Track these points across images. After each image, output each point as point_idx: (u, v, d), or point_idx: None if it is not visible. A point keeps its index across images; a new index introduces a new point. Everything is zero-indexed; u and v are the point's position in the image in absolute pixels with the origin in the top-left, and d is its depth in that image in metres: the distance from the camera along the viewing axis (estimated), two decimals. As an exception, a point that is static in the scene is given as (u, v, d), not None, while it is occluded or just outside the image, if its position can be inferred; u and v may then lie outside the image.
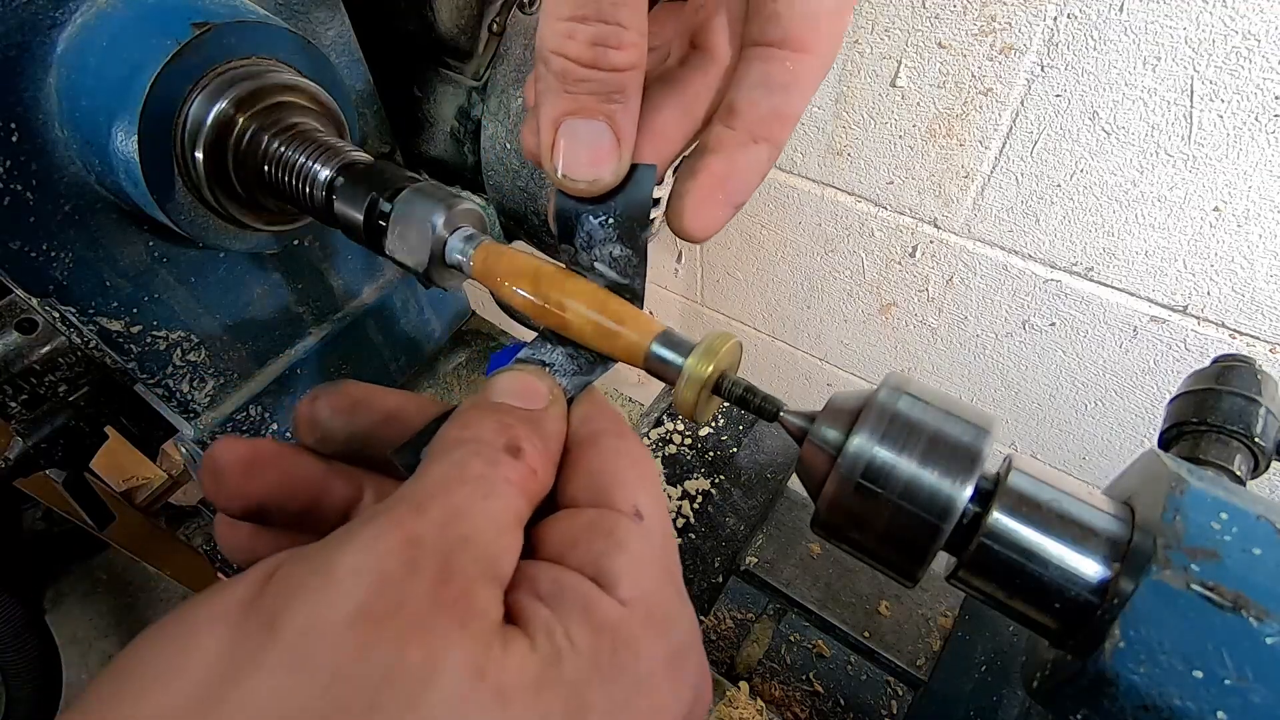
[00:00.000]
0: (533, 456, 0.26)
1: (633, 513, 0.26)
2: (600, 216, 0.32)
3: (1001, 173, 0.98)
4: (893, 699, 0.75)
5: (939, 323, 1.22)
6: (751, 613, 0.84)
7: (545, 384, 0.30)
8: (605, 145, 0.30)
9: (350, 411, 0.30)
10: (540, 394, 0.29)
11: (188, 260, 0.57)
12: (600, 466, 0.28)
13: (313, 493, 0.28)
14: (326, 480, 0.29)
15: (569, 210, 0.33)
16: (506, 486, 0.24)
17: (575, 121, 0.29)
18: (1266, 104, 0.77)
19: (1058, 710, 0.28)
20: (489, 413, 0.27)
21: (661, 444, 0.81)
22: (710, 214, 0.32)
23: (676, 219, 0.33)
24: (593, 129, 0.30)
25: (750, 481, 0.78)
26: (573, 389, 0.32)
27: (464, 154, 0.71)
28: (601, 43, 0.27)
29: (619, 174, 0.31)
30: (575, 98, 0.29)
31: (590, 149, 0.30)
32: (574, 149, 0.30)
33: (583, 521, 0.26)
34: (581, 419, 0.30)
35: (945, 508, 0.28)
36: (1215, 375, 0.51)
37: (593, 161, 0.30)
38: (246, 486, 0.27)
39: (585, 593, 0.23)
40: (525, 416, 0.28)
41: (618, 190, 0.32)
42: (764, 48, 0.31)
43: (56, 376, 0.59)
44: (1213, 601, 0.24)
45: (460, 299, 0.93)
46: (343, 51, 0.61)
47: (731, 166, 0.32)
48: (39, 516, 2.19)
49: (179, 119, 0.45)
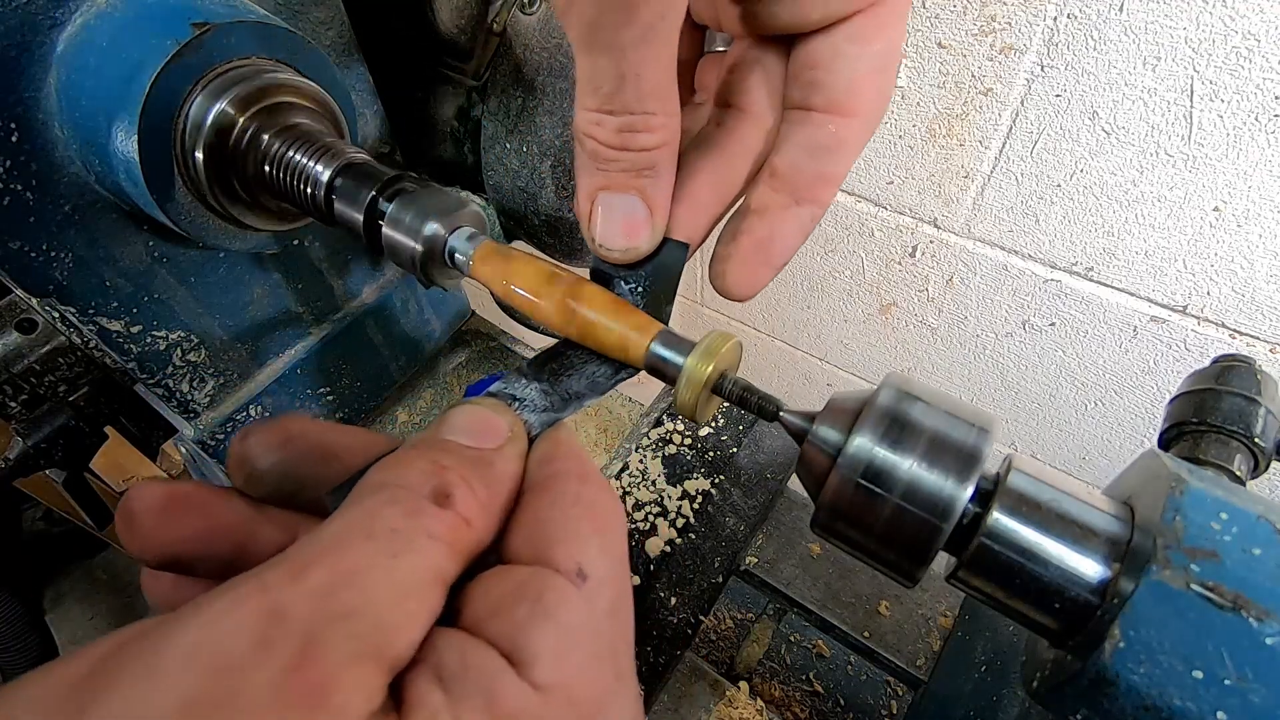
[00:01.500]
0: (466, 504, 0.23)
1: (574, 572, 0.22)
2: (630, 284, 0.33)
3: (1001, 173, 0.98)
4: (893, 699, 0.75)
5: (939, 323, 1.22)
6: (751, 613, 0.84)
7: (505, 420, 0.27)
8: (639, 217, 0.31)
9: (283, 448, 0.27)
10: (497, 431, 0.26)
11: (188, 260, 0.57)
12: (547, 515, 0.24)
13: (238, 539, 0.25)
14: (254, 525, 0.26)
15: (603, 273, 0.34)
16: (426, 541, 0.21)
17: (609, 195, 0.30)
18: (1266, 104, 0.77)
19: (1058, 710, 0.28)
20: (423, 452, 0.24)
21: (661, 444, 0.81)
22: (752, 276, 0.33)
23: (719, 280, 0.33)
24: (626, 202, 0.30)
25: (750, 481, 0.78)
26: (540, 427, 0.29)
27: (464, 154, 0.71)
28: (629, 130, 0.28)
29: (653, 243, 0.32)
30: (607, 174, 0.30)
31: (625, 220, 0.31)
32: (609, 220, 0.31)
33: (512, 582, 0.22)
34: (539, 459, 0.27)
35: (945, 508, 0.28)
36: (1215, 375, 0.51)
37: (627, 232, 0.31)
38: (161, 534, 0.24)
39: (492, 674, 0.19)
40: (469, 456, 0.25)
41: (651, 257, 0.33)
42: (806, 112, 0.31)
43: (56, 376, 0.59)
44: (1213, 601, 0.24)
45: (460, 299, 0.93)
46: (343, 52, 0.61)
47: (774, 230, 0.32)
48: (39, 516, 2.19)
49: (179, 119, 0.45)
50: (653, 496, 0.79)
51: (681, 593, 0.69)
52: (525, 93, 0.63)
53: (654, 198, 0.31)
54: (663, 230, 0.32)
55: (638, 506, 0.78)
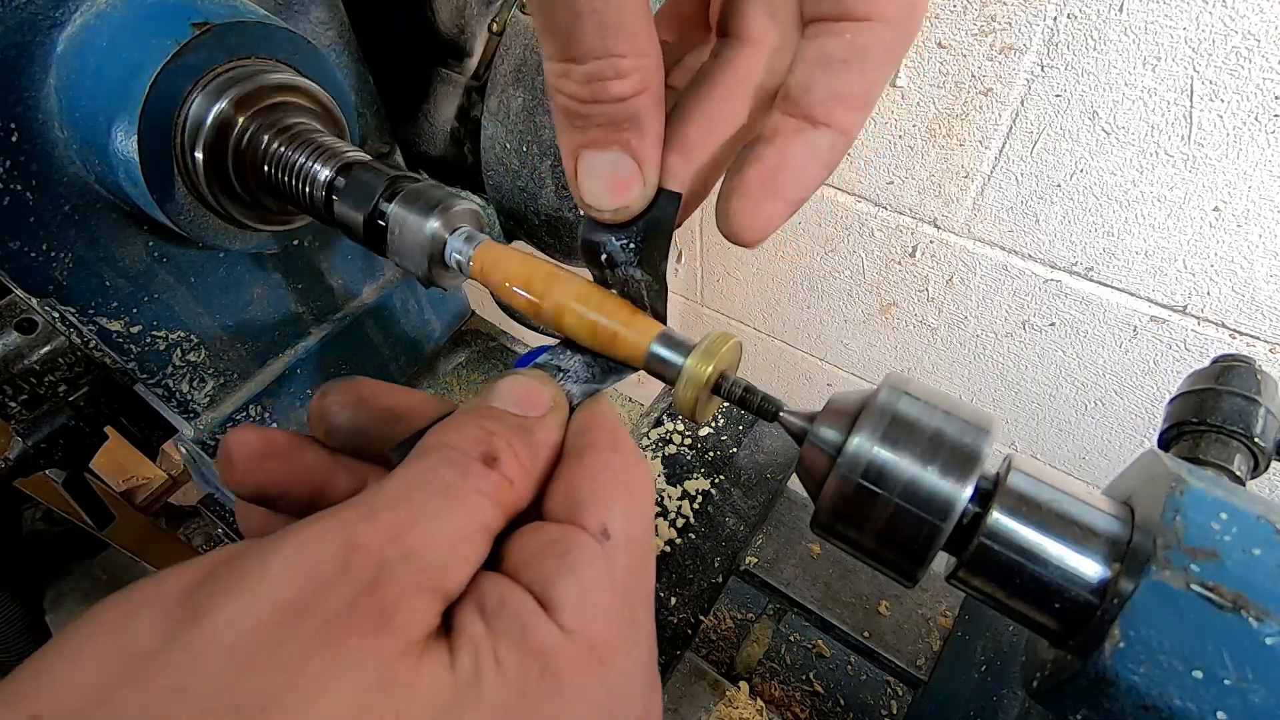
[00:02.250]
0: (510, 466, 0.25)
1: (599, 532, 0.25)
2: (622, 240, 0.31)
3: (1001, 173, 0.98)
4: (893, 699, 0.75)
5: (939, 323, 1.22)
6: (751, 613, 0.84)
7: (549, 391, 0.29)
8: (625, 173, 0.28)
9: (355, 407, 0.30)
10: (540, 401, 0.29)
11: (188, 260, 0.57)
12: (579, 481, 0.27)
13: (318, 482, 0.29)
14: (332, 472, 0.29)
15: (593, 232, 0.32)
16: (475, 497, 0.24)
17: (591, 154, 0.28)
18: (1266, 104, 0.77)
19: (1058, 710, 0.28)
20: (473, 419, 0.27)
21: (661, 444, 0.81)
22: (760, 212, 0.29)
23: (723, 221, 0.30)
24: (611, 159, 0.28)
25: (750, 481, 0.78)
26: (581, 396, 0.31)
27: (464, 154, 0.71)
28: (597, 78, 0.25)
29: (646, 199, 0.29)
30: (585, 131, 0.27)
31: (610, 179, 0.28)
32: (593, 180, 0.29)
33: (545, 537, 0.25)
34: (577, 429, 0.29)
35: (945, 508, 0.28)
36: (1215, 375, 0.51)
37: (614, 191, 0.29)
38: (255, 474, 0.28)
39: (526, 614, 0.22)
40: (514, 424, 0.27)
41: (644, 213, 0.30)
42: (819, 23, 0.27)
43: (56, 376, 0.59)
44: (1213, 602, 0.24)
45: (460, 299, 0.93)
46: (343, 52, 0.61)
47: (785, 156, 0.28)
48: (39, 516, 2.19)
49: (179, 119, 0.45)
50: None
51: (681, 593, 0.69)
52: (525, 93, 0.63)
53: (640, 151, 0.28)
54: (655, 184, 0.29)
55: (638, 506, 0.78)
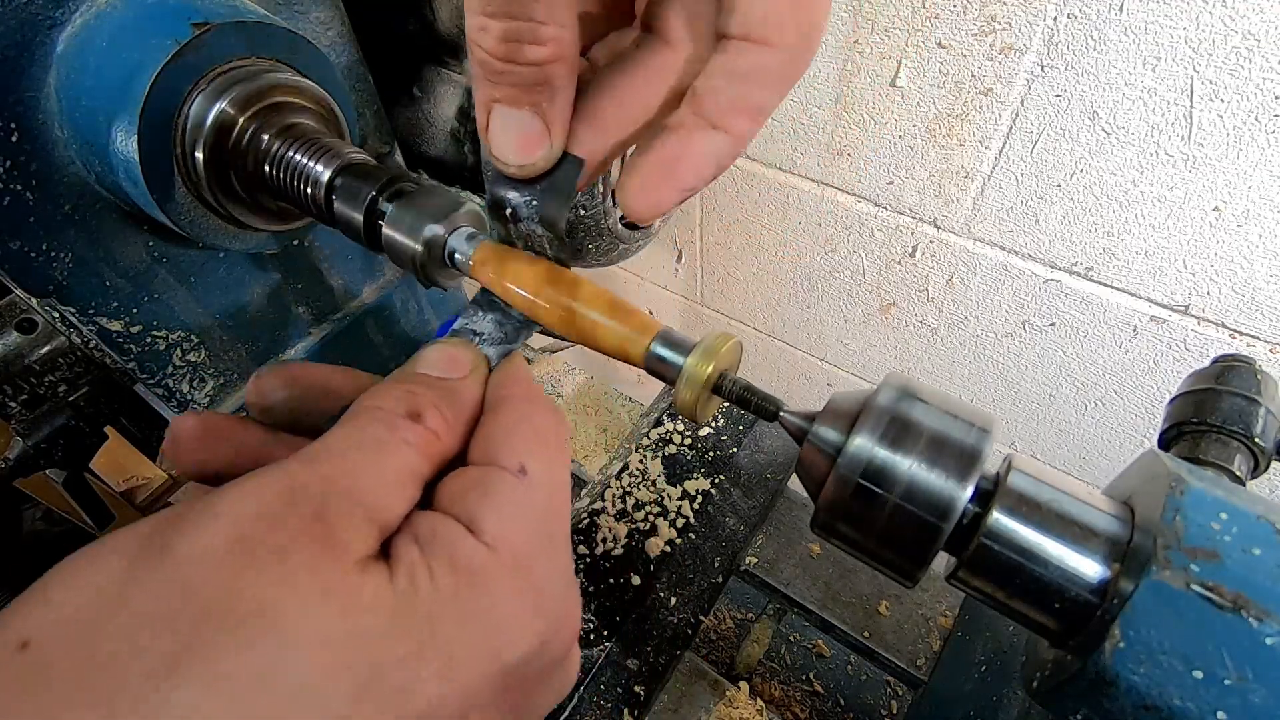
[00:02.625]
0: (434, 420, 0.28)
1: (516, 469, 0.27)
2: (525, 196, 0.33)
3: (1001, 173, 0.98)
4: (893, 699, 0.75)
5: (939, 323, 1.22)
6: (751, 613, 0.84)
7: (469, 355, 0.33)
8: (534, 133, 0.30)
9: (289, 385, 0.32)
10: (462, 364, 0.32)
11: (188, 260, 0.57)
12: (498, 430, 0.29)
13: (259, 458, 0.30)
14: (270, 447, 0.31)
15: (500, 188, 0.34)
16: (404, 447, 0.27)
17: (503, 109, 0.30)
18: (1266, 104, 0.77)
19: (1058, 710, 0.28)
20: (398, 384, 0.30)
21: (661, 444, 0.81)
22: (655, 194, 0.31)
23: (623, 195, 0.32)
24: (521, 117, 0.30)
25: (750, 481, 0.78)
26: (497, 357, 0.34)
27: (464, 154, 0.71)
28: (515, 38, 0.27)
29: (551, 159, 0.31)
30: (499, 87, 0.29)
31: (520, 136, 0.30)
32: (503, 134, 0.30)
33: (469, 478, 0.28)
34: (495, 384, 0.32)
35: (945, 508, 0.28)
36: (1215, 375, 0.51)
37: (521, 148, 0.31)
38: (198, 453, 0.30)
39: (454, 537, 0.25)
40: (434, 385, 0.30)
41: (548, 174, 0.32)
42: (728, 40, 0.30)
43: (56, 376, 0.59)
44: (1213, 602, 0.24)
45: (460, 299, 0.93)
46: (343, 52, 0.61)
47: (684, 149, 0.31)
48: (39, 516, 2.18)
49: (179, 119, 0.45)
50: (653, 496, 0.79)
51: (681, 593, 0.69)
52: (525, 93, 0.63)
53: (550, 114, 0.30)
54: (561, 147, 0.31)
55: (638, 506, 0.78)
